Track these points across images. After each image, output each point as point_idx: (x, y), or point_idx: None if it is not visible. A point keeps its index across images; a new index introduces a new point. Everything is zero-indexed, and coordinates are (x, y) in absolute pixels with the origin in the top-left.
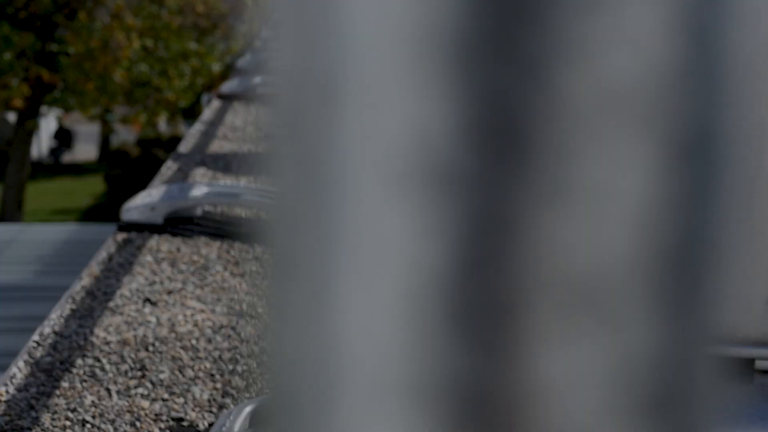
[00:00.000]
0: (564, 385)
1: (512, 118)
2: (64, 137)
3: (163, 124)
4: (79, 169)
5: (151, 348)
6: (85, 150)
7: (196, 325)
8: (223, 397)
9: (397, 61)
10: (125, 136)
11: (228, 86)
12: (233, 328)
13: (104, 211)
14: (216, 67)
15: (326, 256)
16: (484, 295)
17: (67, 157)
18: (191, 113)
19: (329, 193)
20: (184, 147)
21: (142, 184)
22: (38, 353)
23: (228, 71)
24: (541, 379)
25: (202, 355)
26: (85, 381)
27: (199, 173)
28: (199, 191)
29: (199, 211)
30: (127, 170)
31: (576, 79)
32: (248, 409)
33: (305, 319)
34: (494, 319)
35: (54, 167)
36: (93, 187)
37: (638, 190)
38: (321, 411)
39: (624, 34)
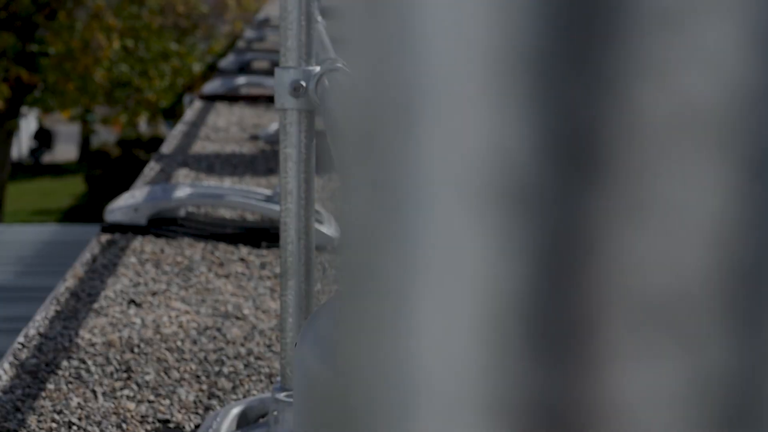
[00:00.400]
0: (640, 403)
1: (589, 136)
2: (44, 138)
3: (143, 125)
4: (59, 170)
5: (136, 349)
6: (66, 150)
7: (180, 326)
8: (209, 398)
9: (474, 78)
10: (105, 136)
11: (210, 87)
12: (218, 330)
13: (85, 211)
14: (197, 68)
15: (402, 276)
16: (560, 313)
17: (47, 158)
18: (172, 113)
19: (405, 212)
20: (166, 148)
21: (123, 185)
22: (23, 355)
23: (209, 71)
24: (617, 398)
25: (187, 356)
26: (71, 383)
27: (182, 174)
28: (182, 192)
29: (182, 212)
30: (108, 171)
31: (652, 96)
32: (235, 410)
33: (380, 339)
34: (571, 337)
35: (34, 168)
36: (73, 187)
37: (714, 208)
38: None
39: (700, 51)
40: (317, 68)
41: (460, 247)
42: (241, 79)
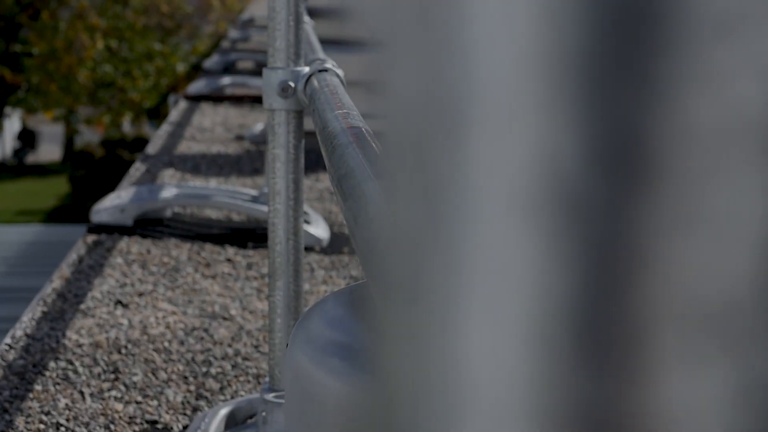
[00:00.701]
0: (690, 412)
1: (640, 146)
2: (27, 138)
3: (127, 125)
4: (43, 170)
5: (123, 350)
6: (49, 151)
7: (168, 327)
8: (197, 399)
9: (524, 86)
10: (89, 136)
11: (195, 87)
12: (205, 330)
13: (69, 212)
14: (180, 68)
15: (450, 286)
16: (610, 322)
17: (30, 158)
18: (156, 114)
19: (455, 220)
20: (151, 148)
21: (107, 185)
22: (11, 356)
23: (193, 71)
24: (667, 407)
25: (174, 357)
26: (59, 384)
27: (168, 174)
28: (168, 192)
29: (168, 213)
30: (92, 171)
31: (704, 106)
32: (223, 411)
33: (427, 349)
34: (620, 346)
35: (18, 168)
36: (57, 188)
37: (764, 218)
38: None
39: (754, 59)
40: (306, 69)
41: (509, 256)
42: (226, 80)
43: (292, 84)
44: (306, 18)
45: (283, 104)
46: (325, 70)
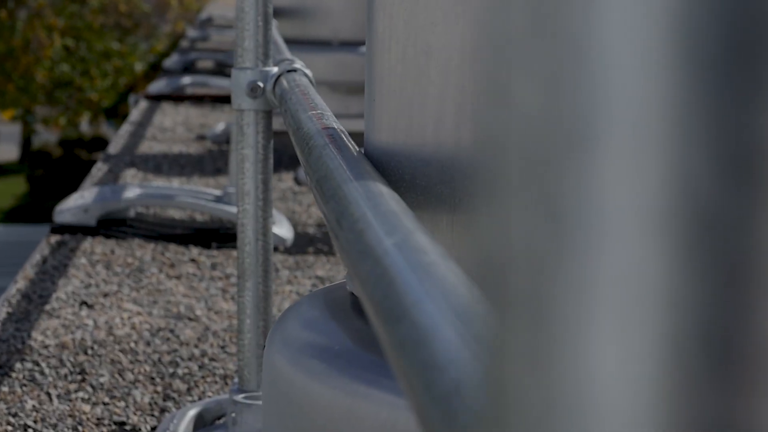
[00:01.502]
0: None
1: None
2: None
3: (85, 124)
4: (0, 170)
5: (90, 351)
6: (6, 150)
7: (133, 327)
8: (164, 400)
9: (654, 103)
10: (47, 136)
11: (156, 86)
12: (171, 331)
13: (27, 212)
14: (139, 67)
15: (579, 303)
16: (743, 336)
17: None
18: (114, 113)
19: (582, 239)
20: (113, 148)
21: (65, 185)
22: None
23: (151, 71)
24: None
25: (141, 358)
26: (25, 385)
27: (130, 174)
28: (132, 193)
29: (132, 213)
30: (50, 171)
31: None
32: (192, 412)
33: (554, 366)
34: (752, 360)
35: None
36: (15, 187)
37: None
38: None
39: None
40: (275, 69)
41: (639, 271)
42: (187, 79)
43: (261, 84)
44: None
45: (251, 104)
46: (294, 70)
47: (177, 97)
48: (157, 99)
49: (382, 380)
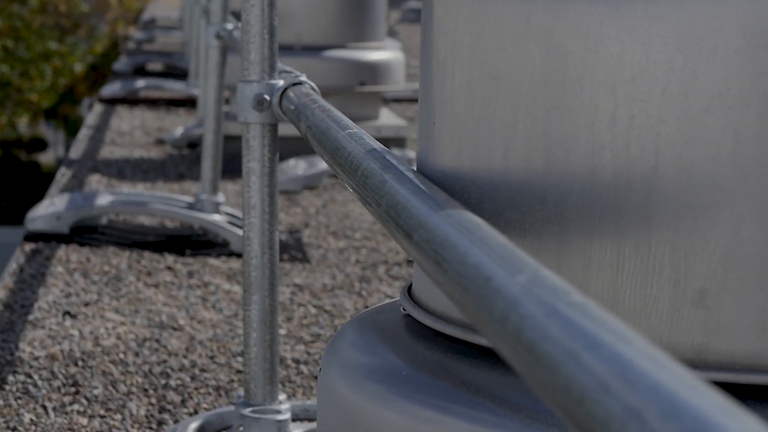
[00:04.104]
0: None
1: None
2: None
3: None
4: None
5: (80, 363)
6: None
7: (119, 338)
8: (160, 412)
9: None
10: None
11: (109, 90)
12: (157, 341)
13: None
14: (78, 68)
15: None
16: None
17: None
18: (54, 114)
19: None
20: (74, 153)
21: (4, 186)
22: None
23: (91, 71)
24: None
25: (132, 369)
26: (20, 398)
27: (95, 180)
28: (104, 200)
29: (104, 220)
30: None
31: None
32: (193, 425)
33: None
34: None
35: None
36: None
37: None
38: None
39: None
40: (280, 82)
41: None
42: (141, 82)
43: (267, 97)
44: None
45: (258, 117)
46: (300, 83)
47: (131, 101)
48: (111, 102)
49: (454, 407)
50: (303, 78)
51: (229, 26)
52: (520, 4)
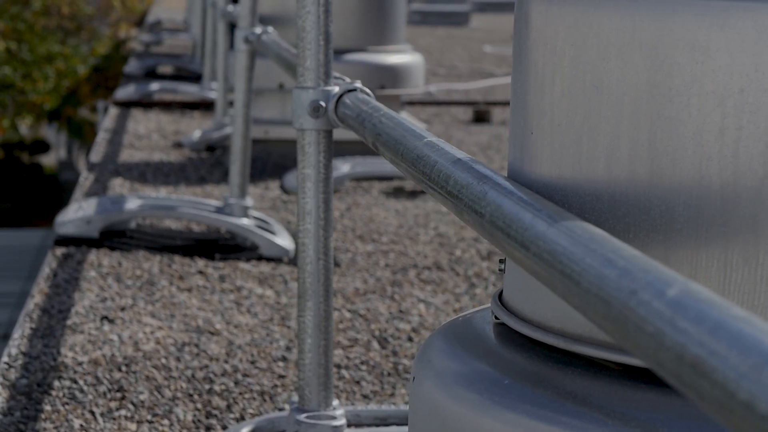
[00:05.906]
0: None
1: None
2: None
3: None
4: None
5: (123, 368)
6: None
7: (158, 342)
8: (207, 417)
9: None
10: None
11: (124, 93)
12: (197, 346)
13: None
14: (81, 69)
15: None
16: None
17: None
18: (57, 116)
19: None
20: (95, 156)
21: (6, 188)
22: (12, 375)
23: (93, 73)
24: None
25: (175, 374)
26: (67, 404)
27: (118, 183)
28: (133, 204)
29: (132, 224)
30: None
31: None
32: (245, 431)
33: None
34: None
35: None
36: None
37: None
38: None
39: None
40: (336, 89)
41: None
42: (155, 85)
43: (323, 104)
44: (269, 28)
45: (313, 124)
46: (354, 89)
47: (146, 104)
48: (125, 105)
49: (559, 417)
50: (358, 84)
51: (257, 31)
52: (625, 16)
